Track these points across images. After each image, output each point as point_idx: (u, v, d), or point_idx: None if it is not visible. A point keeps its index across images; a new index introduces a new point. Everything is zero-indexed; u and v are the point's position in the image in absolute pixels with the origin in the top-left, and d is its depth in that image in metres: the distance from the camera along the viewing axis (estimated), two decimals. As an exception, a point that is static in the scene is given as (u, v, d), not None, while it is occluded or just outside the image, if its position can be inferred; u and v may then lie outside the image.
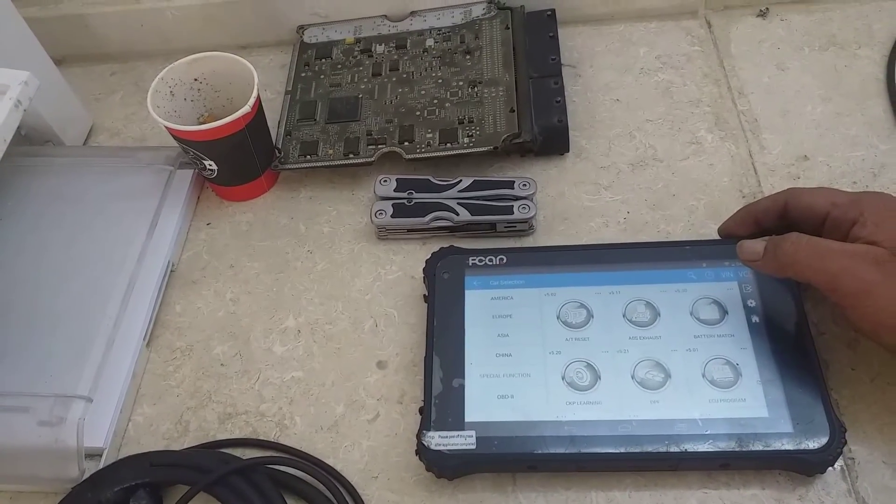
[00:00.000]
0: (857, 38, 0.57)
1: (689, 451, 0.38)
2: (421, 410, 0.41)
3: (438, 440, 0.40)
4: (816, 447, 0.37)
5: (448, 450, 0.39)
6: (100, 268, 0.49)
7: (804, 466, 0.38)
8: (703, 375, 0.40)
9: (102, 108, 0.63)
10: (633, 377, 0.41)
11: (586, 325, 0.43)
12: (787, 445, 0.38)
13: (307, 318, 0.49)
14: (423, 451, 0.40)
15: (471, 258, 0.46)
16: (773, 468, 0.39)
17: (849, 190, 0.48)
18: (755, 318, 0.42)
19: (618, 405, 0.40)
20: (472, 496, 0.41)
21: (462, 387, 0.41)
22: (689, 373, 0.40)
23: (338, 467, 0.42)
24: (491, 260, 0.46)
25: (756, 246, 0.40)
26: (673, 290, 0.43)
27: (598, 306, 0.43)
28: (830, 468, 0.39)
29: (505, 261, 0.46)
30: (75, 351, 0.45)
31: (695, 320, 0.42)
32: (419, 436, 0.40)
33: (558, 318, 0.43)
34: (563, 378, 0.41)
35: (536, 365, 0.42)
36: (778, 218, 0.42)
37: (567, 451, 0.39)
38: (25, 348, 0.46)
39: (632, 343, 0.42)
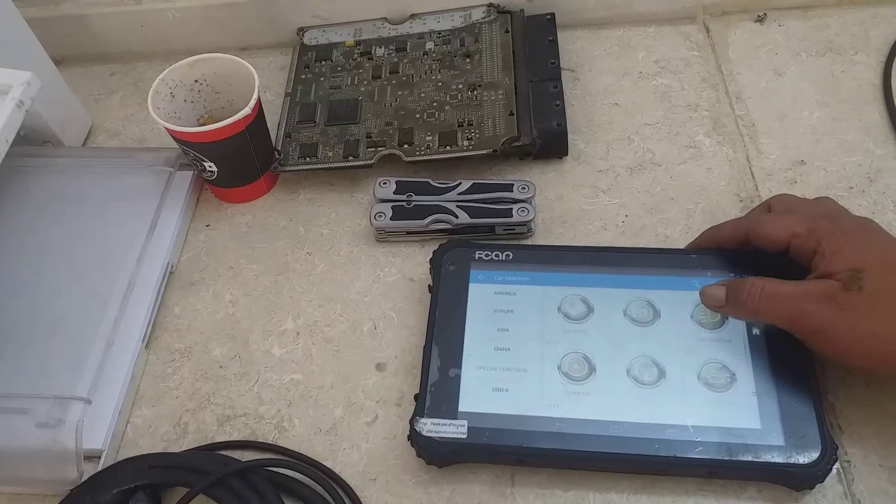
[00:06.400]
0: (854, 44, 0.57)
1: (678, 456, 0.38)
2: (416, 397, 0.41)
3: (430, 427, 0.40)
4: (806, 462, 0.37)
5: (439, 437, 0.40)
6: (99, 269, 0.49)
7: (793, 480, 0.38)
8: (699, 377, 0.40)
9: (102, 108, 0.63)
10: (628, 372, 0.41)
11: (586, 319, 0.43)
12: (777, 458, 0.37)
13: (306, 320, 0.49)
14: (414, 436, 0.40)
15: (477, 252, 0.46)
16: (762, 480, 0.39)
17: (844, 195, 0.49)
18: (755, 331, 0.42)
19: (610, 399, 0.40)
20: (470, 497, 0.41)
21: (458, 377, 0.42)
22: (684, 373, 0.41)
23: (336, 469, 0.42)
24: (497, 255, 0.46)
25: (717, 292, 0.41)
26: (675, 294, 0.43)
27: (600, 302, 0.44)
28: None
29: (511, 257, 0.46)
30: (74, 352, 0.45)
31: (695, 324, 0.42)
32: (412, 421, 0.40)
33: (559, 310, 0.43)
34: (559, 368, 0.41)
35: (534, 359, 0.42)
36: (741, 244, 0.43)
37: (557, 448, 0.39)
38: (24, 349, 0.46)
39: (630, 340, 0.42)
